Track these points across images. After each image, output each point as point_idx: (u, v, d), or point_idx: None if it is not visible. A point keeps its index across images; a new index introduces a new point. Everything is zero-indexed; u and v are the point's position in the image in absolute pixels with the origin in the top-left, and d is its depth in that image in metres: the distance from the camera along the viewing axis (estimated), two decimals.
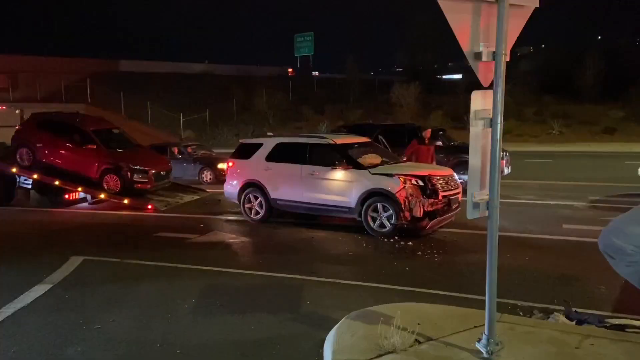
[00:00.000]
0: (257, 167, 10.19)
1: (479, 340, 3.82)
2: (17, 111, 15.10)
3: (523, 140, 28.98)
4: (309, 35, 44.64)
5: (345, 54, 44.53)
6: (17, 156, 12.70)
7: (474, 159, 3.68)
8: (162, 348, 4.61)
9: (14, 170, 12.53)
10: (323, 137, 9.98)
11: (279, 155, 10.03)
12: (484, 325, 3.82)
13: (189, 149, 16.63)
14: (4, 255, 8.07)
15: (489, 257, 3.73)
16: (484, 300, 3.82)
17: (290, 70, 47.95)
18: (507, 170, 13.50)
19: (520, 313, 5.11)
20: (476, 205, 3.66)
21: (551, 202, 10.22)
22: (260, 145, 10.45)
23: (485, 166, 3.68)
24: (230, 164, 10.80)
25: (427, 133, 11.05)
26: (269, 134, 19.53)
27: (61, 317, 5.40)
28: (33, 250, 8.43)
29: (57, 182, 12.15)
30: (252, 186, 10.24)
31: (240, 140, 11.61)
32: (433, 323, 4.41)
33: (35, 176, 12.36)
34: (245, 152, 10.65)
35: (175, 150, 16.58)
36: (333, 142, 9.60)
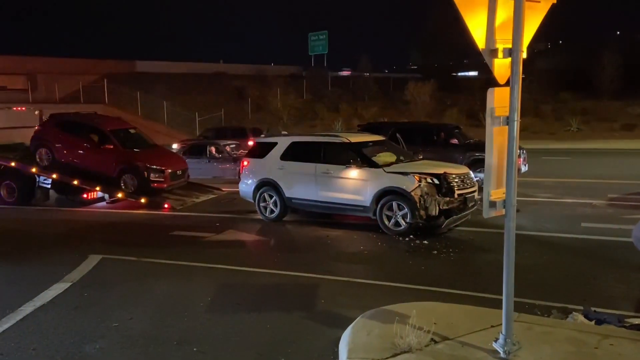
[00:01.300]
0: (271, 166, 10.22)
1: (496, 340, 3.79)
2: (36, 112, 15.29)
3: (540, 138, 28.61)
4: (323, 34, 44.54)
5: (360, 52, 44.37)
6: (37, 156, 12.91)
7: (490, 157, 3.65)
8: (179, 346, 4.65)
9: (34, 170, 12.74)
10: (337, 136, 9.97)
11: (293, 154, 10.05)
12: (501, 324, 3.79)
13: (227, 148, 16.56)
14: (24, 254, 8.22)
15: (506, 255, 3.69)
16: (501, 300, 3.79)
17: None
18: (524, 168, 13.34)
19: (538, 312, 5.06)
20: (492, 204, 3.63)
21: (569, 200, 10.08)
22: (274, 144, 10.47)
23: (502, 164, 3.65)
24: (245, 163, 10.85)
25: None
26: (283, 132, 19.56)
27: (80, 315, 5.48)
28: (52, 249, 8.56)
29: (75, 182, 12.32)
30: (266, 185, 10.27)
31: (255, 139, 11.65)
32: (449, 322, 4.39)
33: (54, 176, 12.54)
34: (259, 151, 10.69)
35: (214, 149, 16.53)
36: (347, 141, 9.58)
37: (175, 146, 18.01)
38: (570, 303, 5.29)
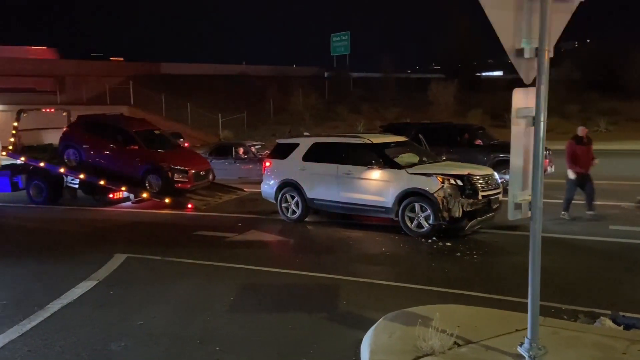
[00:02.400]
0: (293, 166, 10.25)
1: (521, 344, 3.72)
2: (64, 113, 15.62)
3: (567, 139, 28.01)
4: (345, 35, 44.50)
5: (382, 53, 44.15)
6: (65, 157, 13.20)
7: (516, 158, 3.59)
8: (202, 345, 4.70)
9: (62, 170, 13.02)
10: (359, 137, 9.94)
11: (315, 155, 10.05)
12: (527, 329, 3.72)
13: (253, 149, 16.67)
14: (52, 252, 8.41)
15: (532, 258, 3.63)
16: (526, 303, 3.72)
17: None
18: (550, 170, 13.09)
19: (565, 317, 4.96)
20: (518, 206, 3.57)
21: (597, 202, 9.83)
22: (296, 145, 10.50)
23: (528, 165, 3.58)
24: (267, 163, 10.90)
25: (583, 131, 9.89)
26: (305, 133, 19.59)
27: (106, 312, 5.58)
28: (79, 248, 8.74)
29: (102, 182, 12.56)
30: (288, 186, 10.30)
31: (277, 140, 11.70)
32: (473, 326, 4.33)
33: (81, 176, 12.80)
34: (281, 152, 10.73)
35: (241, 150, 16.58)
36: (369, 142, 9.54)
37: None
38: (598, 307, 5.17)
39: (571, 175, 9.64)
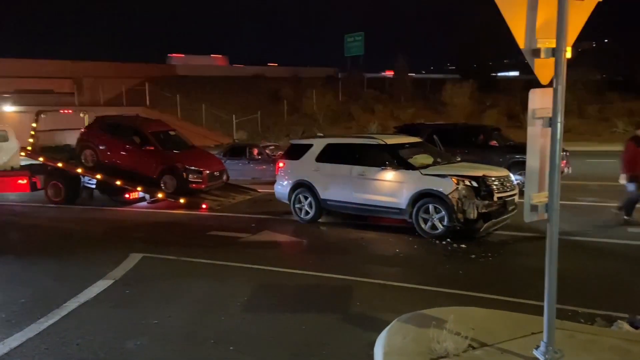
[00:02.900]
0: (307, 167, 10.26)
1: (537, 347, 3.69)
2: (81, 114, 15.86)
3: (584, 139, 27.65)
4: (359, 35, 44.43)
5: (396, 53, 43.94)
6: (82, 157, 13.38)
7: (532, 159, 3.56)
8: (216, 345, 4.73)
9: (79, 170, 13.20)
10: (373, 138, 9.92)
11: (328, 155, 10.06)
12: (543, 332, 3.68)
13: (267, 151, 16.76)
14: (70, 252, 8.53)
15: (548, 261, 3.59)
16: (542, 306, 3.68)
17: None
18: (567, 171, 12.94)
19: (581, 320, 4.89)
20: (534, 208, 3.53)
21: (615, 204, 9.69)
22: (310, 146, 10.51)
23: (544, 167, 3.55)
24: (281, 164, 10.93)
25: None
26: (318, 134, 19.59)
27: (121, 311, 5.65)
28: (96, 247, 8.86)
29: (118, 182, 12.71)
30: (302, 186, 10.32)
31: (291, 141, 11.72)
32: (488, 328, 4.29)
33: (98, 176, 12.97)
34: (295, 152, 10.75)
35: (255, 151, 16.66)
36: (383, 143, 9.52)
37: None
38: (615, 310, 5.08)
39: (627, 180, 8.93)
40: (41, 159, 13.74)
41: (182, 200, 12.15)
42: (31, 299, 6.10)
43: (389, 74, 45.46)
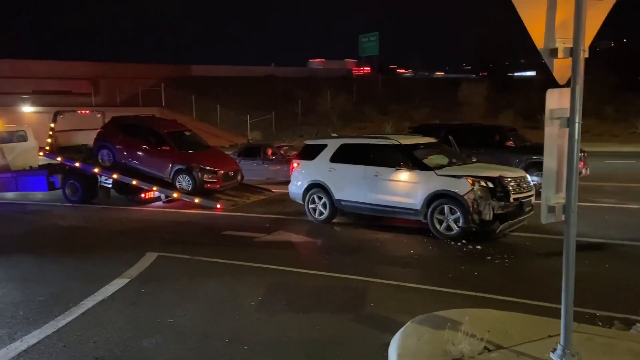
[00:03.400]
0: (321, 168, 10.27)
1: (554, 350, 3.65)
2: (98, 115, 16.04)
3: (603, 140, 27.27)
4: (374, 36, 44.36)
5: (411, 53, 43.87)
6: (99, 157, 13.54)
7: (549, 160, 3.52)
8: (230, 344, 4.75)
9: (96, 170, 13.36)
10: (388, 138, 9.89)
11: (343, 156, 10.05)
12: (559, 335, 3.64)
13: (282, 151, 16.81)
14: (87, 250, 8.64)
15: (566, 263, 3.54)
16: (559, 309, 3.63)
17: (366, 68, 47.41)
18: (585, 172, 12.76)
19: (599, 323, 4.82)
20: (551, 209, 3.49)
21: (634, 206, 9.54)
22: (324, 146, 10.51)
23: (562, 168, 3.50)
24: (295, 164, 10.95)
25: None
26: (332, 135, 19.57)
27: (137, 310, 5.70)
28: (112, 246, 8.96)
29: (134, 182, 12.83)
30: (316, 187, 10.33)
31: (305, 142, 11.73)
32: (503, 331, 4.25)
33: (115, 176, 13.11)
34: (309, 153, 10.75)
35: (269, 151, 16.70)
36: (398, 143, 9.48)
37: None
38: (634, 314, 5.01)
39: None
40: (59, 158, 13.94)
41: (196, 200, 12.23)
42: (49, 297, 6.19)
43: (404, 73, 45.30)
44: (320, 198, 10.27)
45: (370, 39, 44.45)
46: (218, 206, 12.04)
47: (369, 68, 45.93)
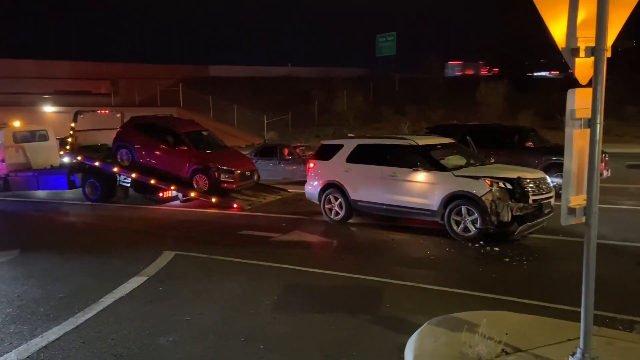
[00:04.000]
0: (337, 168, 10.26)
1: (573, 354, 3.59)
2: (117, 115, 16.27)
3: (625, 141, 26.77)
4: (391, 36, 44.11)
5: (429, 53, 43.54)
6: (118, 156, 13.72)
7: (569, 161, 3.47)
8: (246, 343, 4.77)
9: (115, 169, 13.54)
10: (405, 138, 9.84)
11: (359, 156, 10.03)
12: (579, 338, 3.58)
13: (298, 151, 16.86)
14: (106, 248, 8.76)
15: (586, 266, 3.49)
16: (579, 312, 3.58)
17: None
18: (606, 174, 12.54)
19: (620, 327, 4.74)
20: (572, 211, 3.44)
21: None
22: (340, 146, 10.50)
23: (583, 169, 3.45)
24: (312, 165, 10.95)
25: None
26: (349, 135, 19.53)
27: (155, 308, 5.77)
28: (130, 244, 9.07)
29: (152, 181, 12.98)
30: (332, 187, 10.32)
31: (321, 142, 11.73)
32: (521, 333, 4.20)
33: (133, 175, 13.27)
34: (326, 153, 10.75)
35: (286, 151, 16.74)
36: (415, 143, 9.43)
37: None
38: None
39: None
40: (79, 157, 14.16)
41: (213, 200, 12.32)
42: (69, 294, 6.29)
43: (421, 74, 45.03)
44: (336, 198, 10.27)
45: (387, 38, 44.25)
46: (235, 206, 12.11)
47: (497, 69, 45.86)
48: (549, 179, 8.98)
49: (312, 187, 10.77)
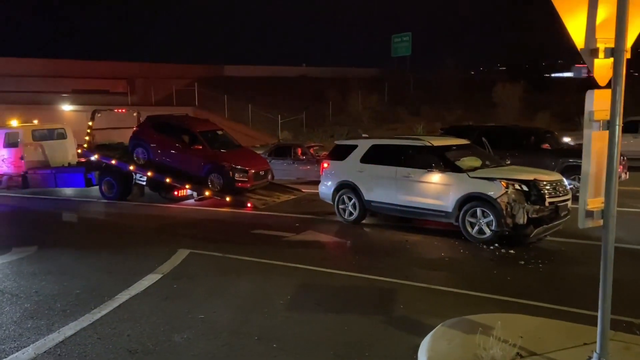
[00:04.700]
0: (351, 168, 10.25)
1: (589, 358, 3.55)
2: (134, 114, 16.45)
3: None
4: (407, 36, 43.91)
5: (444, 53, 43.21)
6: (134, 155, 13.87)
7: (587, 163, 3.43)
8: (260, 341, 4.80)
9: (132, 168, 13.70)
10: (419, 139, 9.80)
11: (373, 157, 10.00)
12: (595, 342, 3.54)
13: (312, 150, 16.89)
14: (122, 246, 8.87)
15: (603, 269, 3.44)
16: (595, 316, 3.54)
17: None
18: (624, 176, 12.35)
19: (637, 332, 4.66)
20: (589, 214, 3.40)
21: None
22: (355, 146, 10.49)
23: (601, 171, 3.41)
24: (326, 165, 10.96)
25: None
26: (363, 135, 19.50)
27: (169, 305, 5.82)
28: (146, 242, 9.16)
29: (168, 180, 13.10)
30: (346, 187, 10.31)
31: (336, 142, 11.74)
32: (537, 337, 4.16)
33: (149, 174, 13.41)
34: (340, 153, 10.75)
35: (300, 151, 16.80)
36: (430, 144, 9.38)
37: None
38: None
39: None
40: (96, 156, 14.34)
41: (228, 199, 12.39)
42: (85, 290, 6.38)
43: (436, 75, 44.75)
44: (350, 198, 10.26)
45: (402, 39, 44.06)
46: (249, 205, 12.17)
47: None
48: (566, 182, 8.87)
49: (326, 187, 10.77)
